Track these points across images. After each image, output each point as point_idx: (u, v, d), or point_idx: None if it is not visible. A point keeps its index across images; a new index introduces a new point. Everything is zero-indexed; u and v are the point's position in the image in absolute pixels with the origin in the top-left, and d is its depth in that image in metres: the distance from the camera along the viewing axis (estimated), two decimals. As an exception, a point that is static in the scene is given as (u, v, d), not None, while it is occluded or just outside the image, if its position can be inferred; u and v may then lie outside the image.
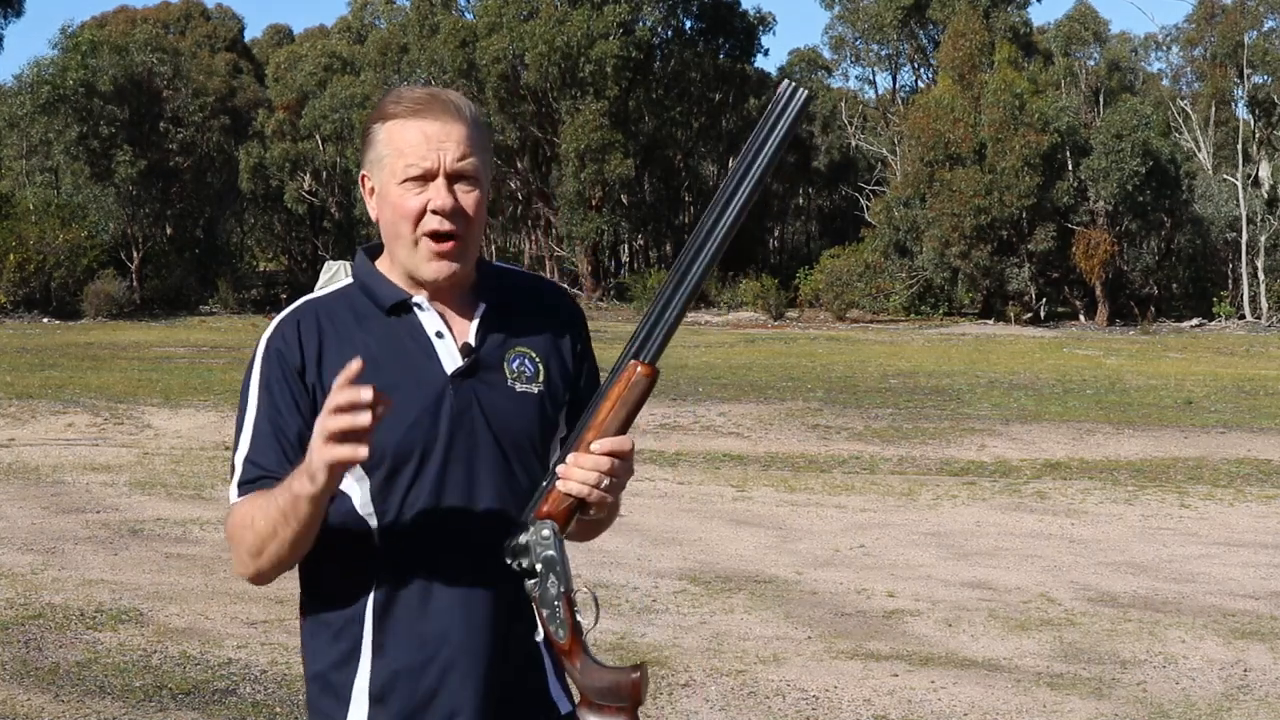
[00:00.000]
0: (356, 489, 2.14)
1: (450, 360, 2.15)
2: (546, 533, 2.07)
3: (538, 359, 2.22)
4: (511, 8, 42.65)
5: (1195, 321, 38.98)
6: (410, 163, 2.13)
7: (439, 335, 2.17)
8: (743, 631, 6.96)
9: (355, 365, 1.91)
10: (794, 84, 2.04)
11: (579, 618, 2.09)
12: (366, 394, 1.89)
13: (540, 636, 2.09)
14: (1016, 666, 6.43)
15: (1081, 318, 39.60)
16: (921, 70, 49.69)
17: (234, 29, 57.25)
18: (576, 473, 2.05)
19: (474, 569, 2.12)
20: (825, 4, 49.24)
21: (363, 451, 1.90)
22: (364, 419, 1.88)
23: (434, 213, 2.13)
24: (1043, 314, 39.57)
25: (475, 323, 2.19)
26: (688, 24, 46.26)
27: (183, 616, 6.98)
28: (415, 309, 2.18)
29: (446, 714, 2.13)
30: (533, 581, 2.07)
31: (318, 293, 2.25)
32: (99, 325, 34.09)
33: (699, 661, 6.38)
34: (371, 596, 2.12)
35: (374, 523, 2.13)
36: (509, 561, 2.08)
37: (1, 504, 10.11)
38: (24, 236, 36.91)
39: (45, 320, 35.40)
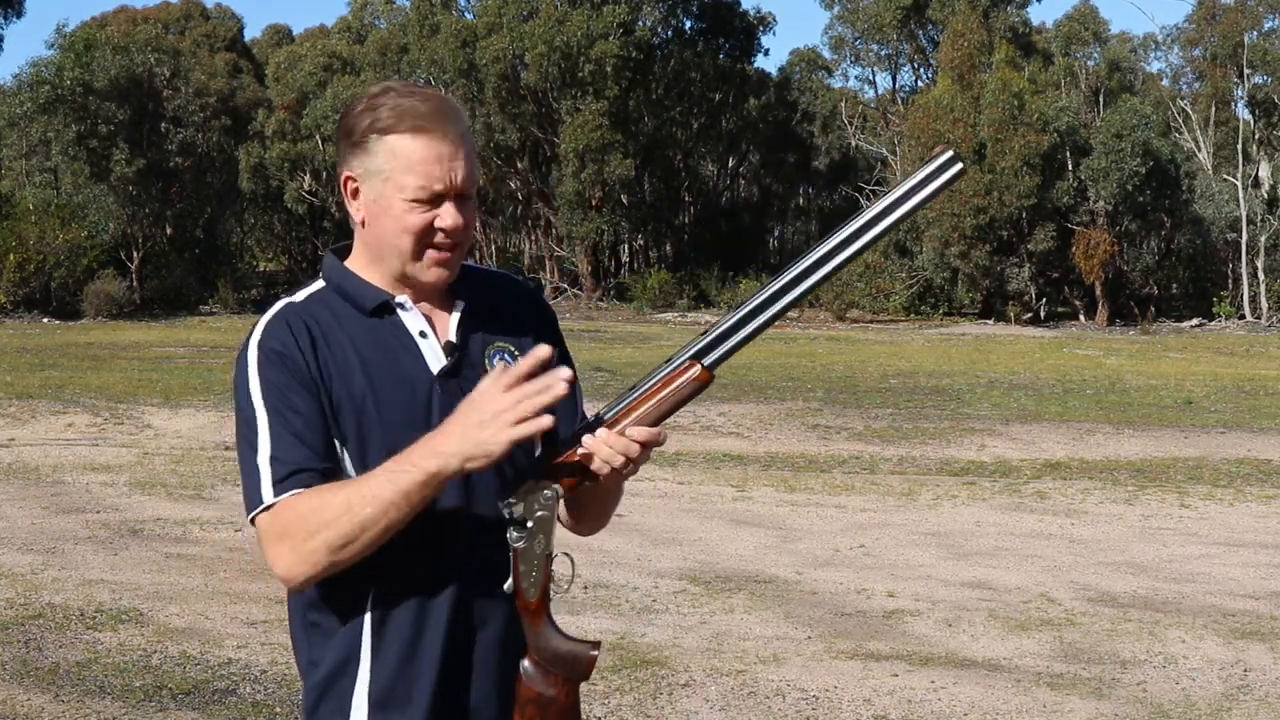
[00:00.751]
0: None
1: (435, 360, 2.15)
2: (549, 493, 2.07)
3: (517, 354, 2.21)
4: (511, 8, 42.63)
5: (1195, 321, 38.96)
6: (422, 184, 2.11)
7: (422, 335, 2.16)
8: (743, 631, 6.96)
9: (545, 351, 2.02)
10: (954, 153, 2.08)
11: (553, 582, 2.09)
12: (545, 350, 2.01)
13: (508, 587, 2.08)
14: (1016, 666, 6.43)
15: (1081, 318, 39.59)
16: (921, 70, 49.66)
17: (234, 29, 57.20)
18: (604, 450, 2.06)
19: (472, 567, 2.12)
20: (825, 4, 49.20)
21: (547, 420, 1.98)
22: (560, 389, 1.99)
23: (441, 230, 2.13)
24: (1043, 314, 39.55)
25: (455, 321, 2.19)
26: (688, 24, 46.23)
27: (183, 616, 6.98)
28: (398, 309, 2.17)
29: (451, 717, 2.13)
30: (519, 534, 2.07)
31: (290, 297, 2.23)
32: (99, 325, 34.08)
33: (699, 661, 6.38)
34: (370, 601, 2.11)
35: None
36: (502, 507, 2.08)
37: (1, 504, 10.11)
38: (24, 236, 36.87)
39: (45, 320, 35.38)
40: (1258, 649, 6.76)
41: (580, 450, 2.06)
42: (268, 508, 2.04)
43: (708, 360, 2.09)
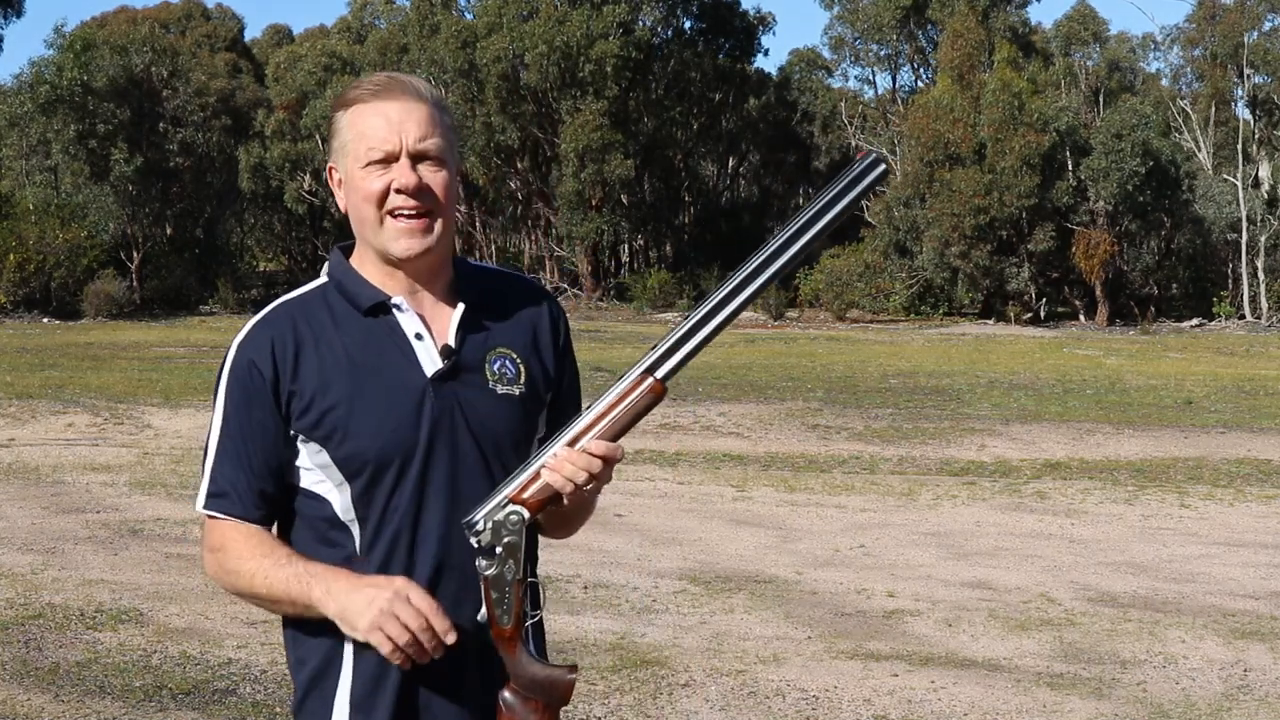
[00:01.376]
0: (337, 495, 2.12)
1: (430, 363, 2.13)
2: (515, 518, 2.05)
3: (519, 360, 2.19)
4: (511, 8, 42.63)
5: (1195, 321, 38.96)
6: (372, 145, 2.11)
7: (418, 337, 2.14)
8: (743, 631, 6.96)
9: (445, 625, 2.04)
10: (876, 154, 2.07)
11: (526, 607, 2.09)
12: (451, 637, 2.02)
13: (482, 616, 2.08)
14: (1016, 666, 6.43)
15: (1081, 318, 39.59)
16: (921, 70, 49.66)
17: (234, 29, 57.21)
18: (566, 467, 2.04)
19: (457, 572, 2.12)
20: (825, 4, 49.21)
21: (397, 659, 2.03)
22: (428, 648, 2.03)
23: (398, 191, 2.10)
24: (1043, 314, 39.55)
25: (454, 323, 2.16)
26: (687, 24, 46.24)
27: (183, 616, 6.98)
28: (394, 310, 2.15)
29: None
30: (488, 562, 2.06)
31: (292, 294, 2.22)
32: (99, 325, 34.08)
33: (699, 661, 6.38)
34: None
35: (356, 529, 2.12)
36: (469, 535, 2.06)
37: (1, 504, 10.11)
38: (24, 236, 36.87)
39: (45, 320, 35.38)
40: (1258, 649, 6.76)
41: (545, 472, 2.06)
42: (209, 515, 2.16)
43: (660, 373, 2.08)
